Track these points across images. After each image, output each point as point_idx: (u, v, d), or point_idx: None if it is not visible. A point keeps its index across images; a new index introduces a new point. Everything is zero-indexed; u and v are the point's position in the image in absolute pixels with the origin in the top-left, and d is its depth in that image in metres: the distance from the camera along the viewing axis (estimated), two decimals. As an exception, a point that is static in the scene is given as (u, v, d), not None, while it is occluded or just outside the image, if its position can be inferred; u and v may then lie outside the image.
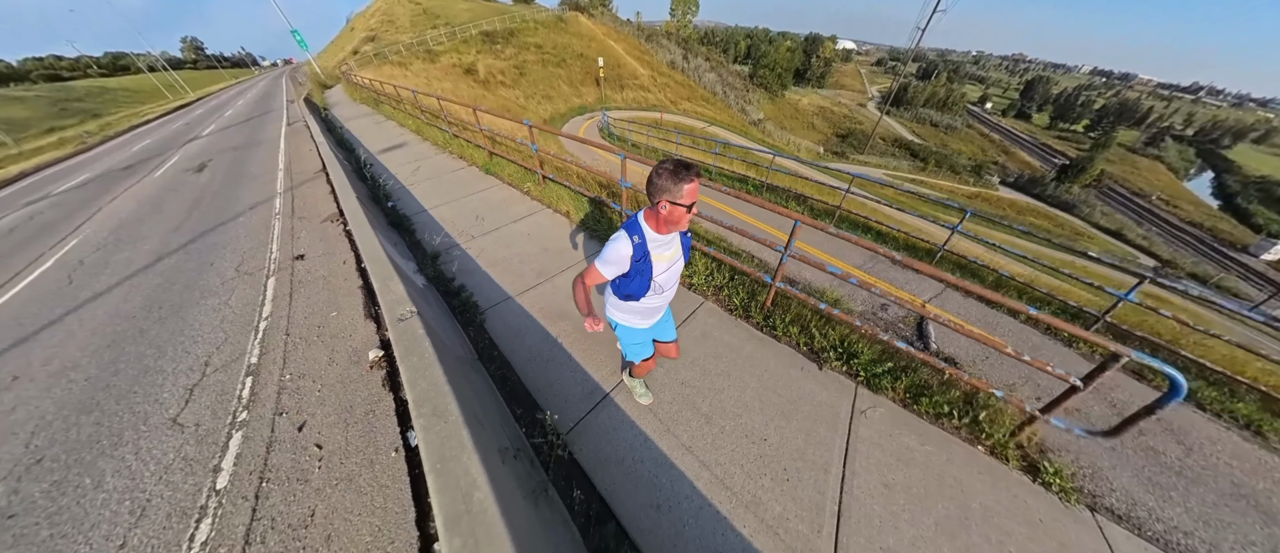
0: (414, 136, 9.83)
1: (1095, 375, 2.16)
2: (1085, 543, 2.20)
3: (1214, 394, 3.65)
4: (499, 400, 2.38)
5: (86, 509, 2.11)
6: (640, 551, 1.77)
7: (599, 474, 2.06)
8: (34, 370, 3.25)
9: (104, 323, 3.86)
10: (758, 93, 59.03)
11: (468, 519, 1.15)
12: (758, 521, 1.94)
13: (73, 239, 6.58)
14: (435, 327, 2.43)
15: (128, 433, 2.55)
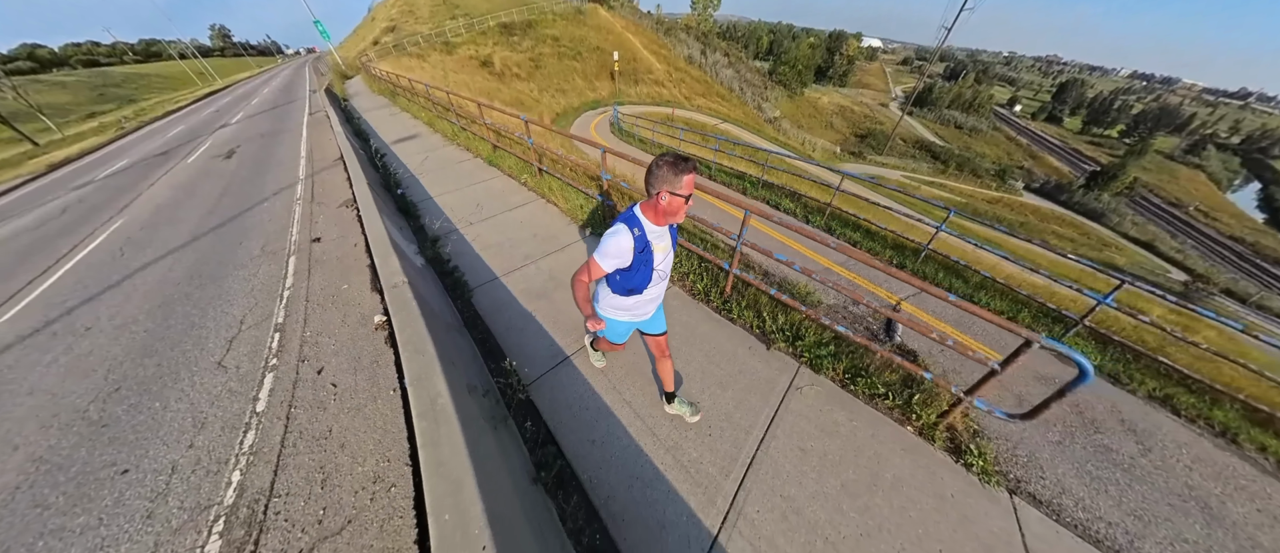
0: (426, 128, 10.47)
1: (1011, 360, 2.28)
2: (992, 520, 2.36)
3: (1191, 400, 3.69)
4: (476, 356, 2.92)
5: (159, 422, 2.76)
6: (573, 469, 2.27)
7: (550, 414, 2.57)
8: (102, 323, 3.94)
9: (154, 288, 4.53)
10: (776, 90, 58.75)
11: (432, 413, 1.67)
12: (674, 461, 2.41)
13: (118, 220, 7.36)
14: (427, 297, 2.97)
15: (183, 371, 3.19)
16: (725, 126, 29.22)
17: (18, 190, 12.06)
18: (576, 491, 2.15)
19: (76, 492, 2.37)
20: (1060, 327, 4.65)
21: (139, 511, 2.23)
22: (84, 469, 2.51)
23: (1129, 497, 2.74)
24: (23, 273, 5.64)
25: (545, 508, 2.00)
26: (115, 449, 2.61)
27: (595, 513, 2.06)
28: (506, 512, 1.52)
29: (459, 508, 1.34)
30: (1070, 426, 3.31)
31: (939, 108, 79.03)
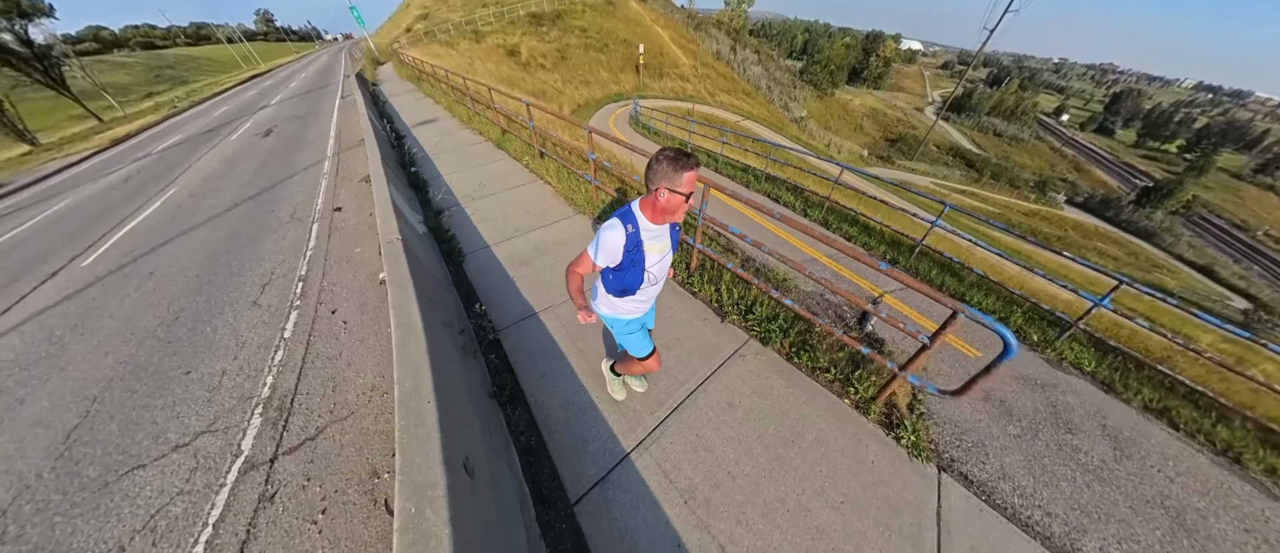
0: (445, 112, 11.22)
1: (939, 334, 2.35)
2: (909, 488, 2.47)
3: (1193, 415, 3.50)
4: (459, 305, 3.48)
5: (211, 342, 3.54)
6: (523, 392, 2.79)
7: (512, 353, 3.10)
8: (162, 269, 4.78)
9: (202, 244, 5.33)
10: (805, 90, 58.04)
11: (406, 328, 2.22)
12: (608, 399, 2.83)
13: (171, 188, 8.33)
14: (421, 257, 3.56)
15: (227, 307, 3.94)
16: (746, 124, 29.30)
17: (89, 160, 13.49)
18: (522, 405, 2.68)
19: (155, 385, 3.18)
20: (1055, 330, 4.45)
21: (201, 397, 3.04)
22: (159, 370, 3.31)
23: (1084, 495, 2.71)
24: (99, 228, 6.61)
25: (496, 415, 2.54)
26: (180, 358, 3.39)
27: (535, 424, 2.58)
28: (455, 396, 2.06)
29: (417, 382, 1.88)
30: (1038, 422, 3.27)
31: (978, 114, 76.40)
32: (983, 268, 5.49)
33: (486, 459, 2.07)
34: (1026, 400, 3.45)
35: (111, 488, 2.51)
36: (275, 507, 2.33)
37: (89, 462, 2.68)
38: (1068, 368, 3.98)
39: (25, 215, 8.31)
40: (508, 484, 2.14)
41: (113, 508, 2.39)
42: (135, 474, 2.57)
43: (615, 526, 2.08)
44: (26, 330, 4.15)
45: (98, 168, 11.94)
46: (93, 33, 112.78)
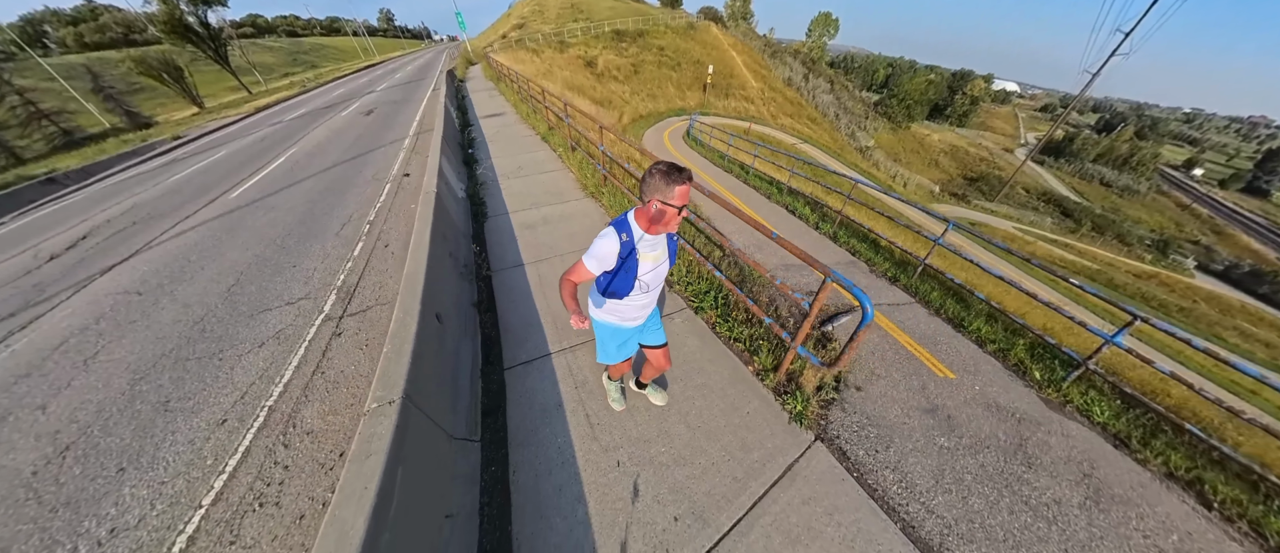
0: (511, 109, 12.83)
1: (816, 299, 2.65)
2: (770, 439, 2.75)
3: (1234, 493, 2.96)
4: (470, 249, 4.59)
5: (308, 252, 5.06)
6: (495, 306, 3.79)
7: (496, 287, 4.11)
8: (279, 207, 6.49)
9: (307, 192, 6.99)
10: (878, 122, 55.98)
11: (418, 250, 3.29)
12: (551, 318, 3.66)
13: (292, 148, 10.43)
14: (453, 213, 4.70)
15: (317, 234, 5.44)
16: (804, 147, 29.15)
17: (238, 123, 16.76)
18: (492, 314, 3.70)
19: (275, 270, 4.78)
20: (1065, 369, 4.01)
21: (301, 280, 4.53)
22: (278, 264, 4.89)
23: (999, 518, 2.59)
24: (241, 173, 8.70)
25: (473, 315, 3.56)
26: (290, 258, 4.95)
27: (497, 325, 3.57)
28: (440, 294, 3.08)
29: (413, 277, 2.90)
30: (985, 446, 3.12)
31: (1081, 160, 69.01)
32: (987, 293, 5.14)
33: (455, 328, 3.07)
34: (987, 426, 3.30)
35: (254, 318, 4.01)
36: (341, 339, 3.69)
37: (242, 303, 4.26)
38: (1070, 412, 3.60)
39: (195, 161, 10.98)
40: (467, 348, 3.13)
41: (255, 327, 3.92)
42: (266, 314, 4.07)
43: (528, 389, 2.97)
44: (199, 232, 6.07)
45: (243, 129, 14.91)
46: (252, 19, 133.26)
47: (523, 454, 2.51)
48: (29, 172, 12.36)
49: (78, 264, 5.65)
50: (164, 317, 4.19)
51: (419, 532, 1.75)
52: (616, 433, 2.63)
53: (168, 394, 3.23)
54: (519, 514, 2.21)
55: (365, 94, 20.41)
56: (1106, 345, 3.58)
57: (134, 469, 2.66)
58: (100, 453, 2.78)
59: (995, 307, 4.82)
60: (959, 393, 3.66)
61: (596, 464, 2.43)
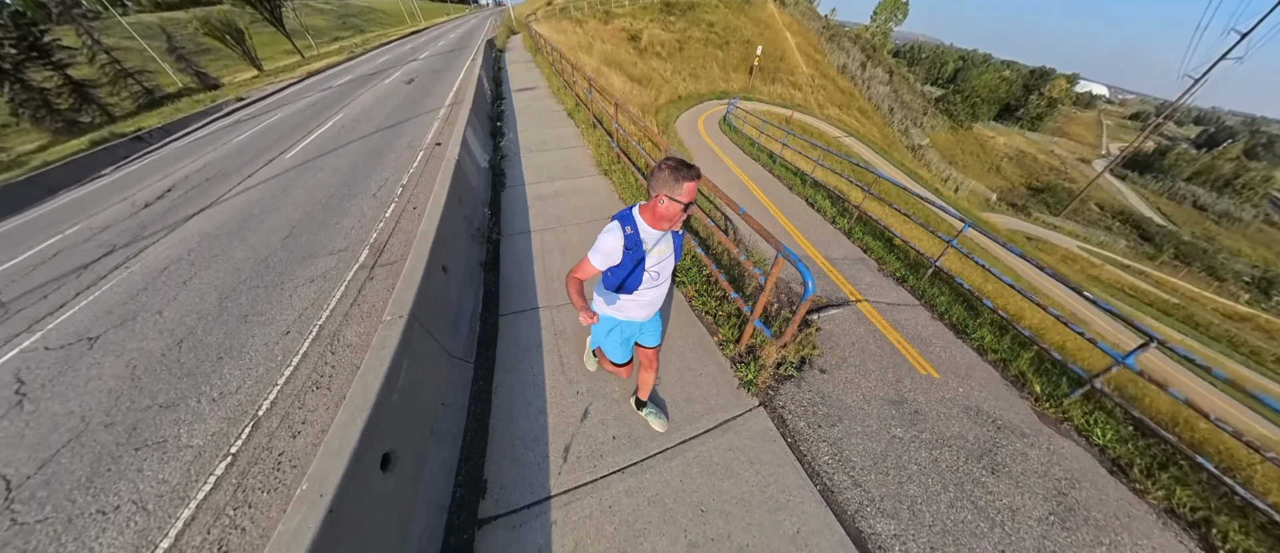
0: (544, 82, 13.56)
1: (771, 274, 2.96)
2: (717, 395, 3.15)
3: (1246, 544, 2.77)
4: (484, 215, 5.36)
5: (348, 210, 6.18)
6: (499, 264, 4.53)
7: (503, 250, 4.84)
8: (326, 169, 7.57)
9: (351, 155, 8.05)
10: (937, 119, 53.46)
11: (434, 207, 4.03)
12: (544, 278, 4.31)
13: (339, 114, 11.60)
14: (470, 177, 5.46)
15: (356, 195, 6.43)
16: (847, 141, 28.52)
17: (292, 87, 18.40)
18: (495, 272, 4.46)
19: (321, 224, 5.81)
20: (1070, 386, 3.92)
21: (341, 235, 5.50)
22: (323, 219, 5.91)
23: (934, 508, 2.69)
24: (294, 136, 9.99)
25: (478, 271, 4.32)
26: (333, 216, 5.95)
27: (497, 282, 4.32)
28: (450, 251, 3.83)
29: (426, 235, 3.63)
30: (946, 444, 3.20)
31: (1172, 178, 63.55)
32: (1002, 303, 5.07)
33: (461, 280, 3.82)
34: (956, 427, 3.35)
35: (306, 261, 5.09)
36: (373, 282, 4.63)
37: (296, 249, 5.42)
38: (1066, 430, 3.56)
39: (255, 122, 12.57)
40: (469, 297, 3.88)
41: (306, 268, 5.03)
42: (314, 259, 5.10)
43: (517, 332, 3.67)
44: (260, 190, 7.27)
45: (296, 93, 16.46)
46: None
47: (505, 377, 3.23)
48: (119, 129, 14.50)
49: (167, 211, 7.10)
50: (237, 255, 5.36)
51: (419, 406, 2.49)
52: (581, 373, 3.29)
53: (246, 310, 4.35)
54: (495, 413, 2.95)
55: (408, 62, 21.67)
56: (1117, 367, 3.40)
57: (229, 359, 3.76)
58: (204, 346, 3.94)
59: (1004, 316, 4.65)
60: (937, 393, 3.72)
61: (560, 391, 3.11)
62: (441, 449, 2.59)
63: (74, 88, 22.78)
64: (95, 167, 11.63)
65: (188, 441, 3.10)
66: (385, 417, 2.09)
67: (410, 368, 2.46)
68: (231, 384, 3.54)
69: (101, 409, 3.42)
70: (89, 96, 23.36)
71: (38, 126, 21.35)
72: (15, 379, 3.85)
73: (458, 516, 2.33)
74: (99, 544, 2.50)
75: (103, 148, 12.32)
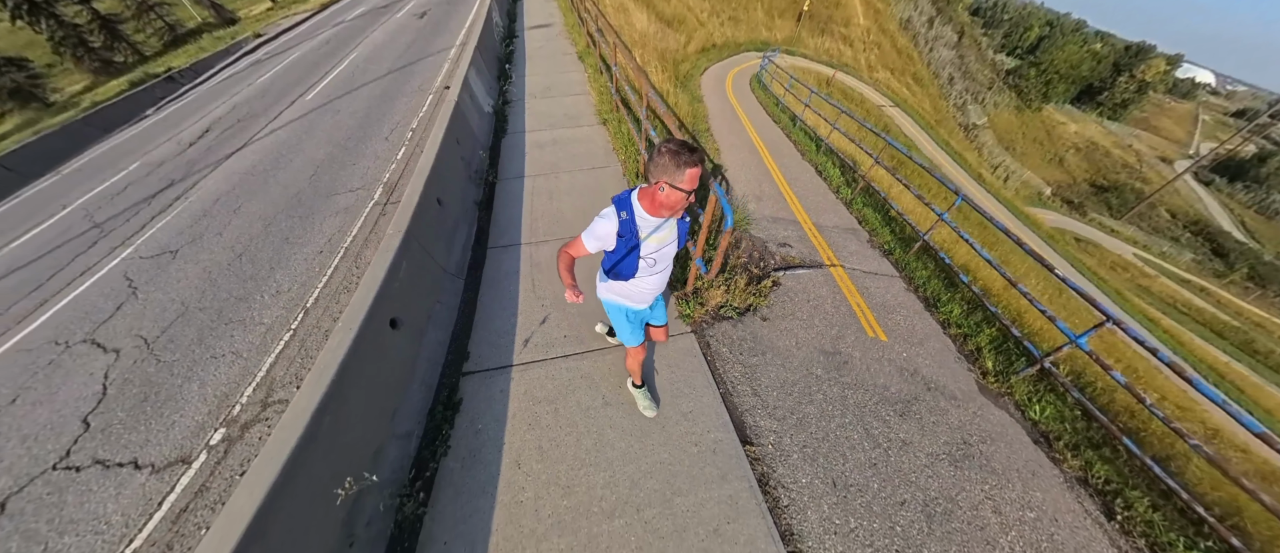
0: (560, 20, 14.09)
1: (705, 217, 3.70)
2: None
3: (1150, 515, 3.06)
4: (482, 160, 6.30)
5: (364, 153, 7.30)
6: (493, 205, 5.50)
7: (497, 193, 5.79)
8: (342, 111, 8.67)
9: (365, 98, 9.11)
10: (1003, 95, 51.13)
11: (429, 146, 4.98)
12: (532, 215, 5.32)
13: (353, 53, 12.59)
14: (470, 121, 6.40)
15: (370, 138, 7.55)
16: (891, 111, 28.08)
17: (306, 22, 19.47)
18: (488, 211, 5.43)
19: (340, 165, 6.91)
20: (1022, 361, 4.16)
21: (358, 175, 6.62)
22: (341, 160, 7.03)
23: (832, 446, 3.14)
24: (312, 77, 11.18)
25: (473, 210, 5.32)
26: (350, 158, 7.04)
27: (489, 220, 5.29)
28: (446, 186, 4.81)
29: (422, 170, 4.58)
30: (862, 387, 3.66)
31: (1267, 188, 59.06)
32: (983, 283, 5.37)
33: (456, 213, 4.84)
34: (882, 380, 3.79)
35: (329, 198, 6.32)
36: (386, 217, 5.67)
37: (320, 187, 6.59)
38: (1005, 403, 3.89)
39: (275, 62, 13.81)
40: (463, 230, 4.91)
41: (330, 203, 6.20)
42: (336, 196, 6.31)
43: (500, 261, 4.63)
44: (285, 131, 8.46)
45: (311, 28, 17.53)
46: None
47: (488, 291, 4.24)
48: (152, 69, 16.01)
49: (208, 150, 8.54)
50: (273, 191, 6.60)
51: (417, 297, 3.52)
52: (548, 292, 4.24)
53: (287, 234, 5.59)
54: (478, 314, 4.00)
55: (423, -4, 22.32)
56: (1068, 346, 3.61)
57: (279, 269, 5.07)
58: (259, 259, 5.32)
59: (976, 292, 4.89)
60: (877, 352, 4.11)
61: (529, 304, 4.08)
62: (437, 330, 3.65)
63: (103, 23, 24.91)
64: (138, 108, 13.66)
65: (259, 320, 4.48)
66: (391, 294, 3.12)
67: (409, 269, 3.48)
68: (284, 286, 4.87)
69: (194, 298, 4.87)
70: (118, 33, 25.63)
71: (78, 66, 23.78)
72: (125, 278, 5.40)
73: (448, 369, 3.45)
74: (212, 375, 3.96)
75: (141, 88, 14.45)
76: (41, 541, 2.81)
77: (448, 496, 2.66)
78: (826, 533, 2.66)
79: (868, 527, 2.73)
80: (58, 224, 7.39)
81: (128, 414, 3.63)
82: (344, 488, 2.16)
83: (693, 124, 9.42)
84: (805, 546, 2.58)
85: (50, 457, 3.35)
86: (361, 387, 2.61)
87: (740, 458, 2.84)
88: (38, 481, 3.18)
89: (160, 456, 3.29)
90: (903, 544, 2.67)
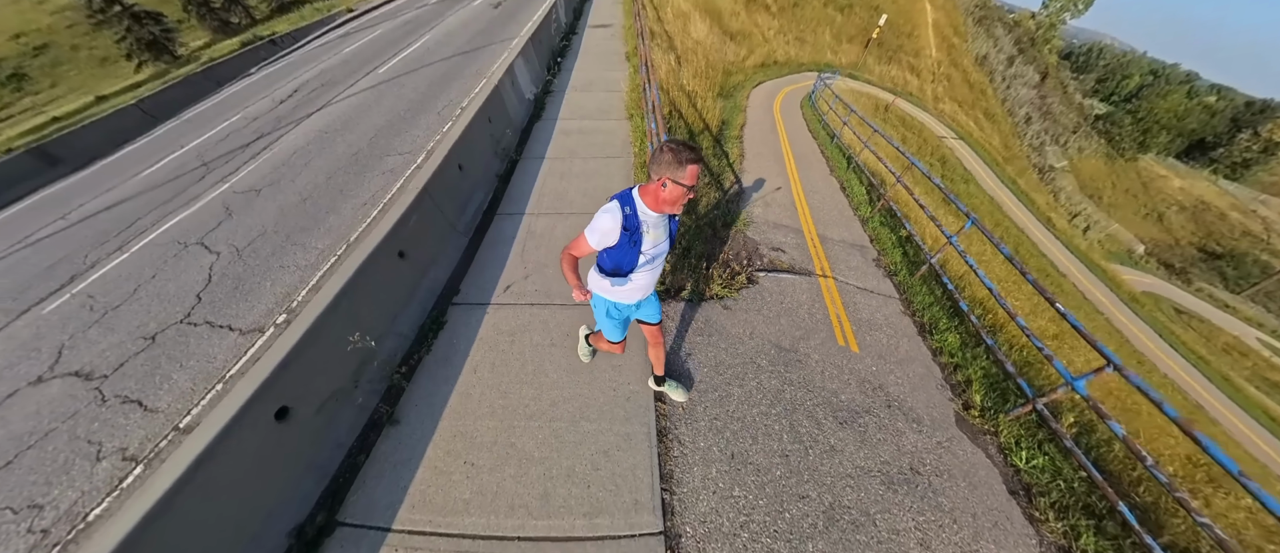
0: (620, 22, 14.85)
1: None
2: None
3: None
4: (511, 139, 7.14)
5: (418, 123, 8.37)
6: (512, 175, 6.31)
7: (518, 169, 6.57)
8: (407, 86, 9.89)
9: (428, 76, 10.29)
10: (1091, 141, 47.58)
11: (458, 121, 5.83)
12: (542, 189, 6.13)
13: (427, 35, 13.99)
14: (506, 103, 7.27)
15: (425, 112, 8.63)
16: (952, 143, 27.05)
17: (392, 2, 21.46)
18: (506, 182, 6.24)
19: (401, 127, 8.13)
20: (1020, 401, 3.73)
21: (407, 141, 7.75)
22: (400, 125, 8.31)
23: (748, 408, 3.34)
24: (387, 53, 12.75)
25: (494, 181, 6.15)
26: (406, 127, 8.18)
27: (506, 188, 6.09)
28: (468, 156, 5.65)
29: (449, 136, 5.41)
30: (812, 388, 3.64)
31: None
32: (992, 318, 5.10)
33: (474, 180, 5.68)
34: (834, 386, 3.70)
35: (381, 158, 7.45)
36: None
37: (377, 149, 7.79)
38: (983, 441, 3.56)
39: (360, 36, 15.84)
40: (479, 195, 5.74)
41: (381, 163, 7.33)
42: (387, 157, 7.42)
43: (503, 227, 5.38)
44: (358, 98, 9.86)
45: (395, 8, 19.45)
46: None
47: (487, 248, 5.03)
48: (259, 32, 18.54)
49: (295, 108, 10.07)
50: (338, 149, 7.90)
51: (423, 243, 4.36)
52: (532, 257, 4.91)
53: (342, 186, 6.94)
54: (473, 265, 4.78)
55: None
56: (1064, 387, 3.22)
57: (333, 213, 6.37)
58: (319, 204, 6.61)
59: (974, 322, 4.45)
60: (840, 361, 3.99)
61: (516, 262, 4.80)
62: (438, 271, 4.52)
63: (223, -15, 28.63)
64: (244, 66, 16.15)
65: (314, 246, 5.74)
66: (402, 234, 3.98)
67: (419, 220, 4.31)
68: (334, 225, 6.08)
69: (270, 226, 6.26)
70: (236, -4, 29.35)
71: (201, 24, 27.52)
72: (223, 206, 6.99)
73: (442, 298, 4.37)
74: (280, 279, 5.28)
75: (248, 48, 16.87)
76: (176, 361, 4.37)
77: (423, 379, 3.56)
78: (705, 490, 2.84)
79: (751, 502, 2.80)
80: (176, 160, 9.37)
81: (225, 296, 5.13)
82: (352, 339, 3.16)
83: (719, 130, 9.92)
84: (680, 491, 2.82)
85: (178, 315, 4.93)
86: (371, 291, 3.57)
87: (649, 409, 3.25)
88: (171, 328, 4.76)
89: (245, 325, 4.70)
90: (786, 530, 2.69)
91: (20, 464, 3.50)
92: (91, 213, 7.91)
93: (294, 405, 2.73)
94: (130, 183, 8.87)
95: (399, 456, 2.98)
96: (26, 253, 7.03)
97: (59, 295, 5.69)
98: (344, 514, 2.69)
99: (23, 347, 4.85)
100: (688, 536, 2.61)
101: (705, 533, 2.63)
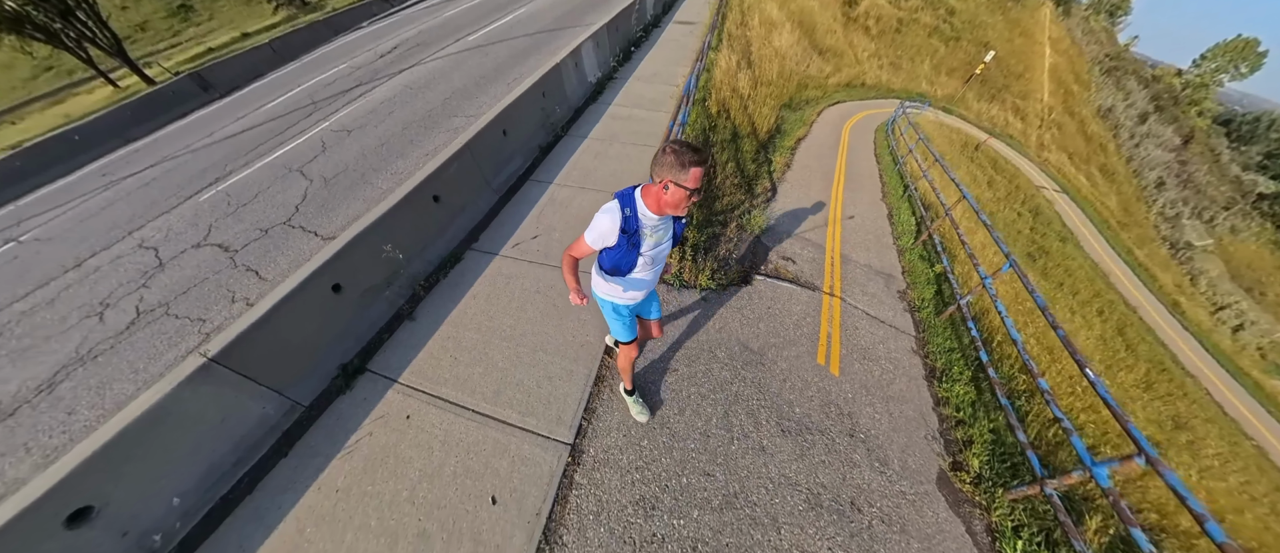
0: (704, 20, 15.05)
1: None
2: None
3: None
4: (563, 114, 7.76)
5: (484, 94, 9.27)
6: (551, 153, 6.95)
7: (561, 143, 7.22)
8: (489, 56, 11.01)
9: (510, 49, 11.33)
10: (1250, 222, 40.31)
11: (512, 92, 6.48)
12: (568, 173, 6.68)
13: (520, 10, 15.06)
14: (563, 80, 7.89)
15: (497, 81, 9.62)
16: (1052, 194, 24.50)
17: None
18: (548, 153, 6.90)
19: (465, 99, 8.99)
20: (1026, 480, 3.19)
21: (474, 105, 8.67)
22: (469, 93, 9.23)
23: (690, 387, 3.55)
24: (481, 22, 13.84)
25: (536, 150, 6.79)
26: (477, 93, 9.18)
27: (545, 157, 6.72)
28: (515, 124, 6.32)
29: (499, 103, 6.08)
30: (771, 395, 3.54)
31: None
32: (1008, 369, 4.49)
33: (516, 145, 6.35)
34: (796, 398, 3.55)
35: (448, 118, 8.48)
36: None
37: (448, 109, 8.82)
38: (966, 512, 3.09)
39: (461, 2, 16.90)
40: (519, 159, 6.42)
41: (447, 122, 8.36)
42: (453, 118, 8.38)
43: (530, 191, 6.02)
44: (443, 61, 11.02)
45: None
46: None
47: (511, 207, 5.72)
48: None
49: (390, 63, 11.58)
50: (417, 105, 9.05)
51: (458, 192, 5.10)
52: (545, 222, 5.48)
53: (412, 138, 8.01)
54: (496, 219, 5.50)
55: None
56: (1079, 470, 2.65)
57: (400, 158, 7.46)
58: (391, 150, 7.75)
59: (992, 376, 3.89)
60: (812, 378, 3.72)
61: (532, 223, 5.41)
62: (465, 218, 5.28)
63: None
64: (358, 19, 18.53)
65: (381, 186, 6.83)
66: (439, 181, 4.75)
67: (458, 170, 5.02)
68: (399, 169, 7.19)
69: (353, 163, 7.57)
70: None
71: None
72: (320, 142, 8.52)
73: (462, 243, 5.14)
74: (353, 205, 6.46)
75: (363, 3, 18.75)
76: (280, 248, 5.85)
77: (436, 295, 4.60)
78: (618, 430, 3.21)
79: (654, 457, 3.03)
80: (292, 97, 11.45)
81: (315, 211, 6.53)
82: (386, 249, 4.17)
83: (768, 137, 9.98)
84: (597, 425, 3.26)
85: (281, 219, 6.50)
86: (408, 221, 4.49)
87: (596, 359, 3.77)
88: (277, 227, 6.31)
89: (328, 232, 6.04)
90: (676, 490, 2.85)
91: (190, 296, 5.31)
92: (230, 134, 10.30)
93: (345, 285, 3.85)
94: (256, 113, 11.18)
95: (411, 340, 4.10)
96: (187, 158, 9.65)
97: (209, 190, 7.80)
98: (372, 366, 3.89)
99: (186, 222, 6.94)
100: (588, 455, 3.12)
101: (604, 460, 3.09)
